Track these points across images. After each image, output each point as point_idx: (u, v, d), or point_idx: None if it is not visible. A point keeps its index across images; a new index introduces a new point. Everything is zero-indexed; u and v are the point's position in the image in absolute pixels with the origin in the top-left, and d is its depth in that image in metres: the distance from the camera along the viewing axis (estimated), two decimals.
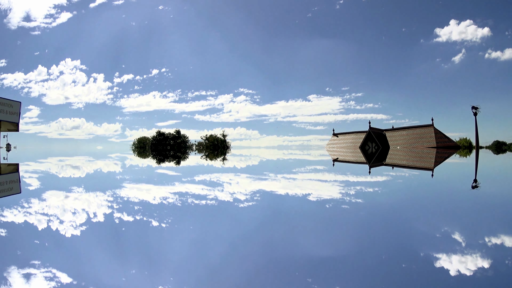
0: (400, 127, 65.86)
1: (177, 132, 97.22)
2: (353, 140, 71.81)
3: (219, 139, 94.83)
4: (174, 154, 25.16)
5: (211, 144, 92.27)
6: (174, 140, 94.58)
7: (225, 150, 70.28)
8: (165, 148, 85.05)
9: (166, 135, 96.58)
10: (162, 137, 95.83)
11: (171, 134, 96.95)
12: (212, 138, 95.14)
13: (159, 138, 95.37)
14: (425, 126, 62.37)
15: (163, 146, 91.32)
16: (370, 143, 66.55)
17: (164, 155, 26.27)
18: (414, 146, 60.96)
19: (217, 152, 42.84)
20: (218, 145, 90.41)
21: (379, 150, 49.93)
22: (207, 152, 40.03)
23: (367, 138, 66.77)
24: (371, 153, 34.39)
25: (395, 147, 60.36)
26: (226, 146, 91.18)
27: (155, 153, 35.65)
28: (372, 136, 65.93)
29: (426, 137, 60.76)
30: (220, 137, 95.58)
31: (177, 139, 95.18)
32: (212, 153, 37.38)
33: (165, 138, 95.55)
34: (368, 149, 58.46)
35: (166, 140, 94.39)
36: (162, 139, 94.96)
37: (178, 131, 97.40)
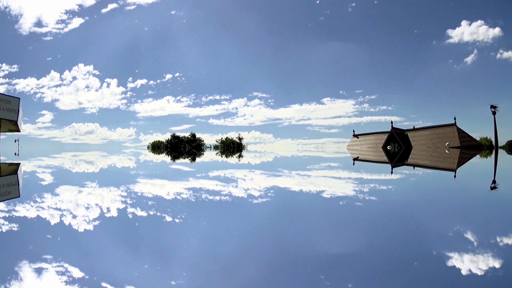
0: (422, 127, 65.14)
1: (192, 136, 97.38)
2: (374, 141, 71.21)
3: (235, 142, 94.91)
4: (189, 152, 25.05)
5: (227, 147, 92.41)
6: (190, 143, 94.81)
7: (240, 150, 70.58)
8: (180, 152, 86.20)
9: (181, 139, 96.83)
10: (177, 140, 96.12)
11: (186, 138, 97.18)
12: (227, 141, 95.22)
13: (174, 141, 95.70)
14: (447, 125, 61.47)
15: (178, 149, 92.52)
16: (392, 143, 65.96)
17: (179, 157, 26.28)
18: (437, 146, 60.18)
19: (232, 150, 42.86)
20: (233, 149, 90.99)
21: (402, 150, 49.36)
22: (222, 149, 40.09)
23: (390, 138, 66.16)
24: (393, 153, 33.94)
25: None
26: (242, 148, 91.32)
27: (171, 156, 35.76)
28: (395, 136, 65.29)
29: (449, 136, 59.88)
30: (236, 140, 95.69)
31: (192, 142, 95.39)
32: (227, 151, 37.40)
33: (180, 141, 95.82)
34: (391, 149, 57.89)
35: (181, 144, 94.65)
36: (177, 143, 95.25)
37: (194, 135, 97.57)
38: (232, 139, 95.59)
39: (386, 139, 66.30)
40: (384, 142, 66.22)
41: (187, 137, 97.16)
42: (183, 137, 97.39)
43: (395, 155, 27.66)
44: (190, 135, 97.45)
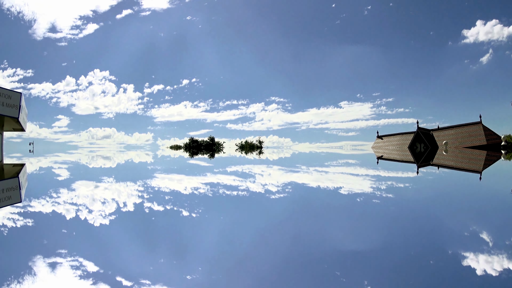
0: (446, 126, 64.18)
1: (211, 139, 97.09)
2: (399, 142, 70.23)
3: (255, 146, 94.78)
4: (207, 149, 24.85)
5: (247, 152, 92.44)
6: (208, 147, 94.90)
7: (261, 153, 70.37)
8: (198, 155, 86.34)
9: (200, 142, 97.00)
10: (195, 144, 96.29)
11: (205, 141, 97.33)
12: (247, 144, 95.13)
13: (193, 145, 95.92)
14: (472, 124, 60.30)
15: (197, 153, 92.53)
16: (418, 143, 65.14)
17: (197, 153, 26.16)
18: (463, 145, 59.17)
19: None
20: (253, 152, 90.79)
21: (428, 150, 48.70)
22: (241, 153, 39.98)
23: (416, 139, 65.34)
24: (419, 153, 33.44)
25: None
26: (262, 152, 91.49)
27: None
28: (421, 136, 64.44)
29: (475, 135, 58.78)
30: (256, 143, 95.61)
31: (211, 146, 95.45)
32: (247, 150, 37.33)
33: (198, 145, 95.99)
34: (416, 149, 57.18)
35: (200, 148, 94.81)
36: (195, 147, 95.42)
37: (212, 138, 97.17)
38: (252, 143, 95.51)
39: (412, 139, 65.35)
40: (410, 142, 65.34)
41: (206, 141, 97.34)
42: (202, 141, 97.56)
43: (421, 155, 27.29)
44: (209, 139, 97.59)
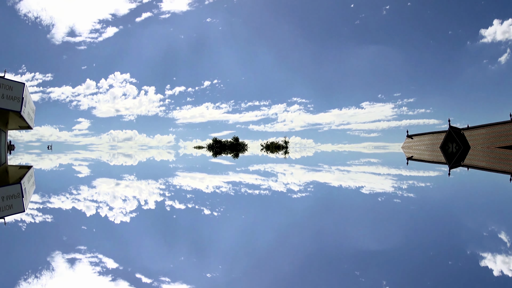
0: (478, 125, 62.82)
1: (235, 139, 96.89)
2: (430, 141, 68.95)
3: (281, 145, 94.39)
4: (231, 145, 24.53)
5: (272, 152, 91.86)
6: (232, 148, 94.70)
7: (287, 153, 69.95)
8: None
9: (224, 143, 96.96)
10: (219, 144, 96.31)
11: (229, 142, 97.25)
12: (273, 145, 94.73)
13: (216, 145, 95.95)
14: (505, 122, 59.00)
15: (220, 154, 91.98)
16: (450, 143, 63.68)
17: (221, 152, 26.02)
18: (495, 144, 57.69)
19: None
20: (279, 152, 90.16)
21: (460, 150, 47.50)
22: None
23: (448, 138, 63.92)
24: (451, 153, 32.65)
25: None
26: (288, 152, 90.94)
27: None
28: (453, 135, 63.00)
29: (507, 134, 57.42)
30: (282, 143, 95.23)
31: (235, 146, 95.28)
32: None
33: (222, 145, 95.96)
34: (448, 149, 55.92)
35: (224, 148, 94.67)
36: (219, 147, 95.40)
37: (236, 138, 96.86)
38: (277, 143, 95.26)
39: (444, 139, 64.07)
40: (442, 142, 63.94)
41: (230, 141, 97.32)
42: (225, 141, 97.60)
43: (453, 155, 26.59)
44: (233, 139, 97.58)
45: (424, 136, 71.34)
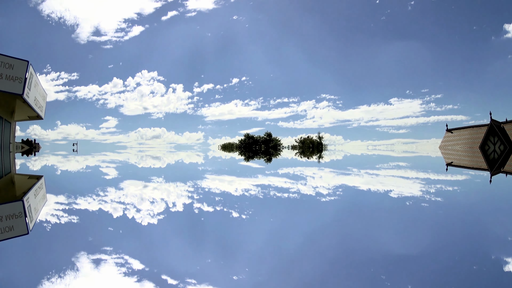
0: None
1: (268, 135, 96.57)
2: (470, 136, 66.93)
3: (315, 141, 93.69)
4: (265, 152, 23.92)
5: (307, 147, 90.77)
6: (266, 143, 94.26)
7: (321, 149, 69.02)
8: (255, 152, 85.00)
9: (256, 139, 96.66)
10: (251, 140, 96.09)
11: (262, 137, 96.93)
12: (307, 141, 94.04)
13: (249, 141, 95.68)
14: None
15: (253, 150, 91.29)
16: (491, 141, 60.33)
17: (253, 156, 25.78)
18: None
19: (311, 151, 42.43)
20: (314, 150, 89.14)
21: (506, 150, 43.60)
22: (301, 149, 39.43)
23: (489, 134, 60.56)
24: (492, 153, 30.48)
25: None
26: (323, 149, 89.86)
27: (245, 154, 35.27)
28: (495, 130, 59.67)
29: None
30: (316, 139, 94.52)
31: (268, 142, 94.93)
32: (307, 151, 36.93)
33: (255, 141, 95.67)
34: (489, 149, 53.14)
35: (256, 144, 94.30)
36: (251, 143, 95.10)
37: (269, 134, 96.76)
38: (312, 138, 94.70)
39: (484, 136, 61.10)
40: (482, 141, 60.89)
41: (263, 137, 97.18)
42: (258, 137, 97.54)
43: (496, 158, 23.63)
44: (266, 134, 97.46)
45: (463, 130, 68.91)
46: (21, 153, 31.44)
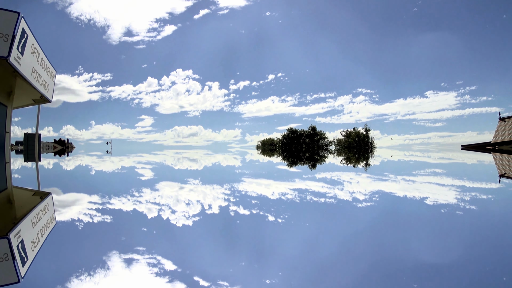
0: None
1: (312, 129, 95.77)
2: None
3: (362, 134, 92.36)
4: (309, 156, 23.37)
5: (353, 141, 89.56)
6: (310, 137, 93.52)
7: (368, 149, 67.64)
8: (299, 148, 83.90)
9: (300, 133, 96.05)
10: (295, 135, 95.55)
11: (306, 132, 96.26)
12: (353, 134, 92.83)
13: (292, 136, 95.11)
14: None
15: (297, 145, 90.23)
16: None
17: (297, 156, 25.54)
18: None
19: (358, 152, 41.90)
20: (360, 143, 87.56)
21: None
22: (345, 153, 38.82)
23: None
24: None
25: None
26: (370, 143, 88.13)
27: (287, 154, 35.10)
28: None
29: None
30: (363, 131, 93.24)
31: (313, 136, 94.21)
32: (352, 153, 36.49)
33: (298, 136, 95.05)
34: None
35: (300, 138, 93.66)
36: (295, 137, 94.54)
37: (314, 128, 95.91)
38: (358, 131, 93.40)
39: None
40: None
41: (307, 131, 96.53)
42: (302, 131, 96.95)
43: None
44: (310, 128, 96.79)
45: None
46: (53, 153, 32.15)
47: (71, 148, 60.20)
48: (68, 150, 51.71)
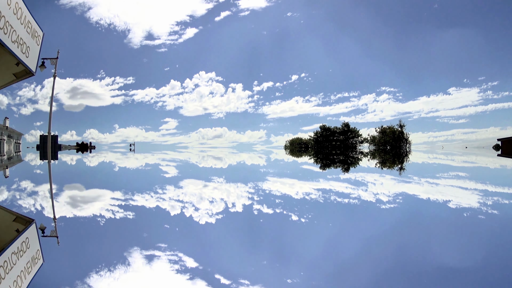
0: None
1: (345, 125, 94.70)
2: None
3: (396, 130, 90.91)
4: (343, 159, 22.73)
5: (389, 138, 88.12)
6: (343, 134, 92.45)
7: (404, 147, 66.52)
8: (332, 145, 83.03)
9: (333, 130, 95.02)
10: (328, 132, 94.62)
11: (339, 129, 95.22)
12: (387, 130, 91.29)
13: (325, 133, 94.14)
14: None
15: (330, 142, 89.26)
16: None
17: (330, 159, 25.06)
18: None
19: (394, 150, 41.27)
20: (395, 140, 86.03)
21: None
22: (379, 152, 38.22)
23: None
24: None
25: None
26: (405, 139, 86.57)
27: (319, 156, 34.58)
28: None
29: None
30: (397, 128, 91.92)
31: (346, 133, 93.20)
32: (387, 154, 36.00)
33: (332, 133, 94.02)
34: None
35: (334, 135, 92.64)
36: (328, 135, 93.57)
37: (347, 124, 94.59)
38: (393, 128, 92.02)
39: None
40: None
41: (340, 128, 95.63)
42: (335, 128, 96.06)
43: None
44: (343, 125, 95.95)
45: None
46: (76, 150, 32.58)
47: (91, 149, 61.06)
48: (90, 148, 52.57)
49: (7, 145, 57.92)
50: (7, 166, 12.81)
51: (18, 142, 67.03)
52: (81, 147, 59.25)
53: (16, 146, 63.87)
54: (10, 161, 17.36)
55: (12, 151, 52.29)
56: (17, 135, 65.64)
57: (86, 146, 60.01)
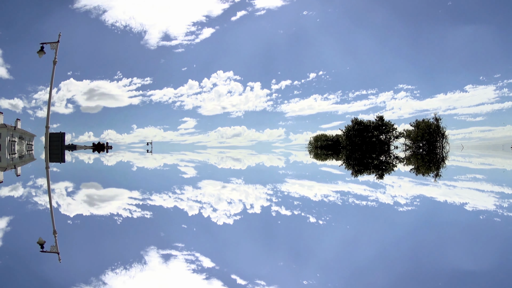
0: None
1: (380, 119, 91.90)
2: None
3: (432, 124, 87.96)
4: (377, 163, 21.83)
5: (426, 133, 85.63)
6: (378, 129, 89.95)
7: (440, 143, 65.20)
8: (366, 141, 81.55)
9: (366, 124, 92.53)
10: (361, 126, 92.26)
11: (373, 123, 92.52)
12: (424, 125, 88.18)
13: (359, 128, 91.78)
14: None
15: (363, 138, 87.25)
16: None
17: (365, 164, 24.84)
18: None
19: (430, 147, 40.66)
20: (430, 135, 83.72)
21: None
22: (413, 148, 37.57)
23: None
24: None
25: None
26: (441, 133, 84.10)
27: (353, 160, 34.26)
28: None
29: None
30: (433, 121, 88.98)
31: (379, 127, 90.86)
32: (422, 147, 35.45)
33: (365, 127, 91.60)
34: None
35: (368, 131, 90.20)
36: (361, 129, 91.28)
37: (381, 117, 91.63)
38: (428, 121, 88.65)
39: None
40: None
41: (374, 121, 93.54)
42: (368, 121, 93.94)
43: None
44: (377, 118, 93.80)
45: None
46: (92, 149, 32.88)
47: (107, 149, 61.51)
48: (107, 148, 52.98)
49: (18, 146, 59.20)
50: (15, 166, 13.04)
51: (30, 143, 68.19)
52: (97, 147, 59.76)
53: (29, 147, 65.13)
54: (21, 159, 17.88)
55: (24, 151, 53.27)
56: (29, 136, 66.83)
57: (102, 146, 60.48)
